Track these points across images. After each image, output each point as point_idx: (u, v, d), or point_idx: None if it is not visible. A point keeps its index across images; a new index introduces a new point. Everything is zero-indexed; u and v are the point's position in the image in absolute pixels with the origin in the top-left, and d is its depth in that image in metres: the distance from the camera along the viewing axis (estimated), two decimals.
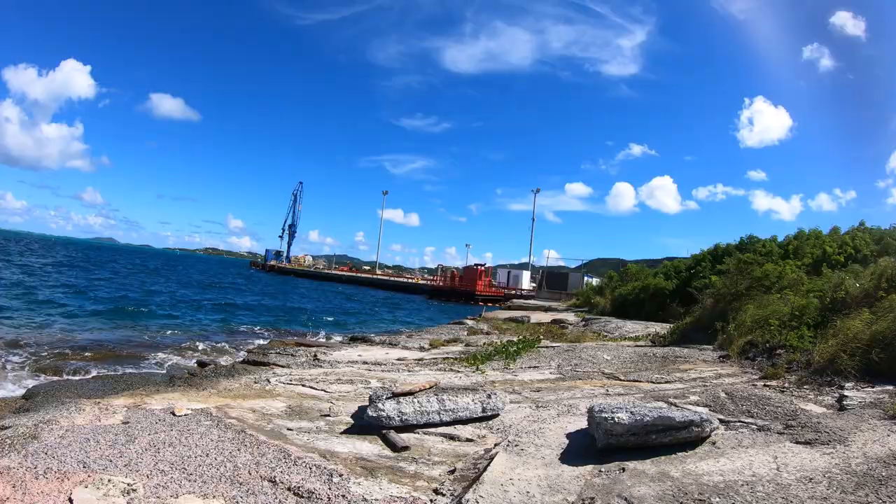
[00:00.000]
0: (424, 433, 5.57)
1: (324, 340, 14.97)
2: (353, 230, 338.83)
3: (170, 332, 16.92)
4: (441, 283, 69.89)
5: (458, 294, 62.02)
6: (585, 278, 58.05)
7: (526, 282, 79.28)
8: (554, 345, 13.17)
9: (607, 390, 8.00)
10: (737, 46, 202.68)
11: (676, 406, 6.19)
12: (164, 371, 10.97)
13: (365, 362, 10.05)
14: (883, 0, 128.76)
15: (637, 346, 13.64)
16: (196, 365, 11.24)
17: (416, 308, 44.64)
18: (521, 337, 14.24)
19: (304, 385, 7.69)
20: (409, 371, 9.32)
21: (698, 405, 6.31)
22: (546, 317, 26.98)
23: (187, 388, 7.66)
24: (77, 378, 10.06)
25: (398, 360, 10.48)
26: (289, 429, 5.67)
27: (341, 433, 5.62)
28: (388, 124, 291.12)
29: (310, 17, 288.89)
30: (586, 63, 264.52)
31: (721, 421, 5.58)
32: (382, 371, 9.26)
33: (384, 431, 5.49)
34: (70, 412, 5.74)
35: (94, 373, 10.60)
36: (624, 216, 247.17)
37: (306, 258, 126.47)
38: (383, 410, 5.57)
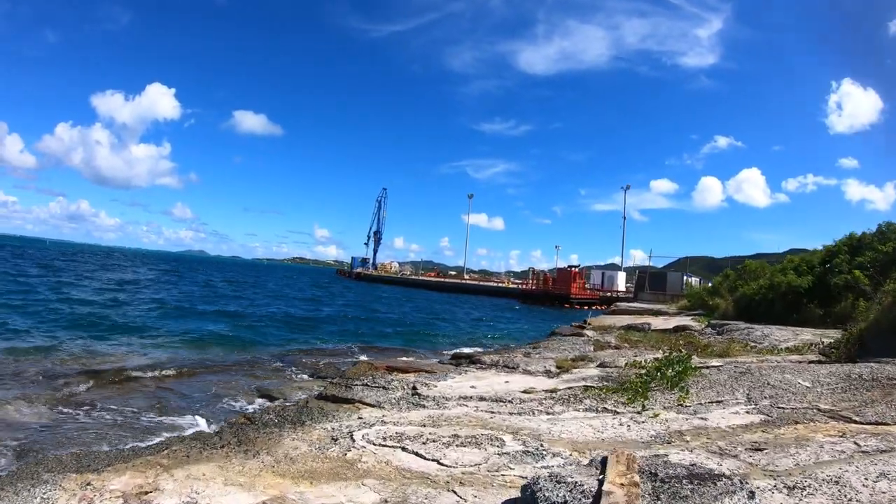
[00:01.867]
0: None
1: (423, 362, 12.38)
2: (437, 236, 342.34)
3: (236, 352, 14.92)
4: (533, 287, 66.68)
5: (551, 297, 58.94)
6: (685, 277, 53.60)
7: (621, 283, 75.38)
8: (711, 363, 10.14)
9: (856, 442, 5.31)
10: (819, 27, 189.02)
11: None
12: (213, 412, 8.74)
13: (482, 398, 7.47)
14: None
15: (809, 361, 10.76)
16: (257, 399, 8.96)
17: (511, 314, 42.01)
18: (664, 352, 11.22)
19: (404, 449, 5.11)
20: (547, 413, 6.71)
21: None
22: (662, 322, 23.64)
23: (233, 450, 5.28)
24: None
25: (524, 392, 7.89)
26: None
27: None
28: (468, 130, 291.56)
29: (383, 29, 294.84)
30: (663, 56, 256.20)
31: None
32: (510, 414, 6.67)
33: None
34: None
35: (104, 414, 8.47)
36: (711, 212, 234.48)
37: (392, 265, 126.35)
38: None
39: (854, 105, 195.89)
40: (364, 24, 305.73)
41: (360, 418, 6.61)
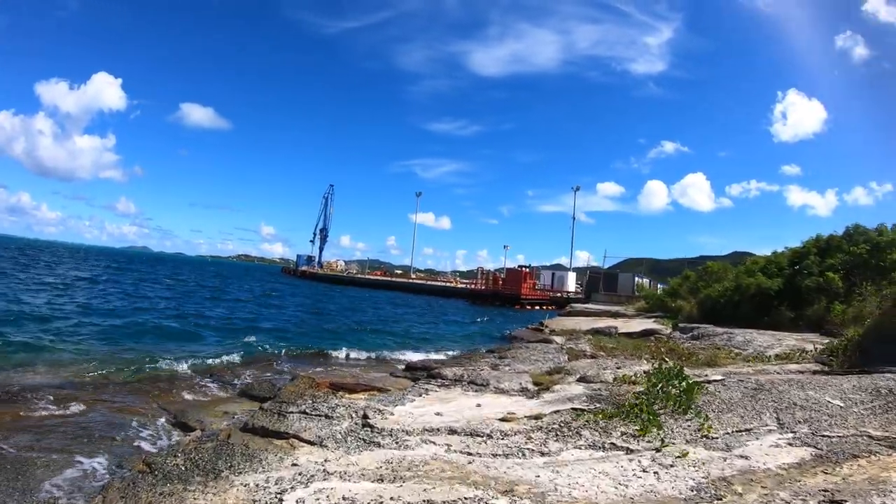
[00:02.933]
0: None
1: (373, 376, 10.60)
2: (384, 235, 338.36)
3: (158, 362, 12.71)
4: (482, 287, 65.42)
5: (501, 298, 57.81)
6: (636, 278, 53.36)
7: (571, 283, 74.87)
8: (712, 376, 8.88)
9: None
10: (767, 39, 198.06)
11: None
12: (111, 451, 6.79)
13: (452, 430, 5.86)
14: None
15: (813, 371, 9.73)
16: (172, 431, 7.08)
17: (461, 315, 40.50)
18: (650, 362, 9.92)
19: None
20: (541, 454, 5.20)
21: None
22: (622, 324, 22.57)
23: None
24: None
25: (503, 420, 6.29)
26: None
27: None
28: (418, 129, 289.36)
29: (336, 26, 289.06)
30: (613, 62, 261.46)
31: None
32: (493, 455, 5.10)
33: None
34: None
35: None
36: (656, 215, 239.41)
37: (339, 263, 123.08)
38: None
39: (799, 115, 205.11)
40: (318, 18, 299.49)
41: (294, 465, 4.88)
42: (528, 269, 62.59)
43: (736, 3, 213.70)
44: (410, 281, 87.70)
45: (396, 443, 5.41)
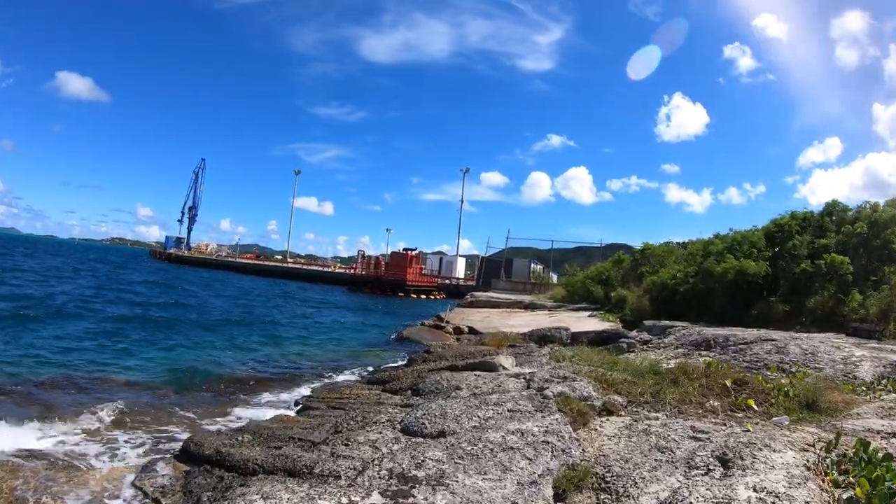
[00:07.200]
0: None
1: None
2: (265, 219, 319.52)
3: None
4: (363, 272, 57.84)
5: (384, 284, 50.70)
6: (532, 265, 49.00)
7: (461, 269, 69.67)
8: None
9: None
10: (655, 45, 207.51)
11: None
12: None
13: None
14: (805, 5, 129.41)
15: None
16: None
17: (340, 305, 32.98)
18: (751, 423, 2.93)
19: None
20: None
21: None
22: (549, 320, 16.40)
23: None
24: None
25: None
26: None
27: None
28: (304, 112, 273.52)
29: (227, 1, 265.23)
30: (503, 57, 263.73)
31: None
32: None
33: None
34: None
35: None
36: (539, 206, 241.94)
37: (209, 246, 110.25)
38: None
39: (682, 117, 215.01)
40: None
41: None
42: (414, 253, 55.64)
43: (626, 10, 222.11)
44: (286, 265, 78.44)
45: None
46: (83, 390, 8.57)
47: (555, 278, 43.36)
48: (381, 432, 4.46)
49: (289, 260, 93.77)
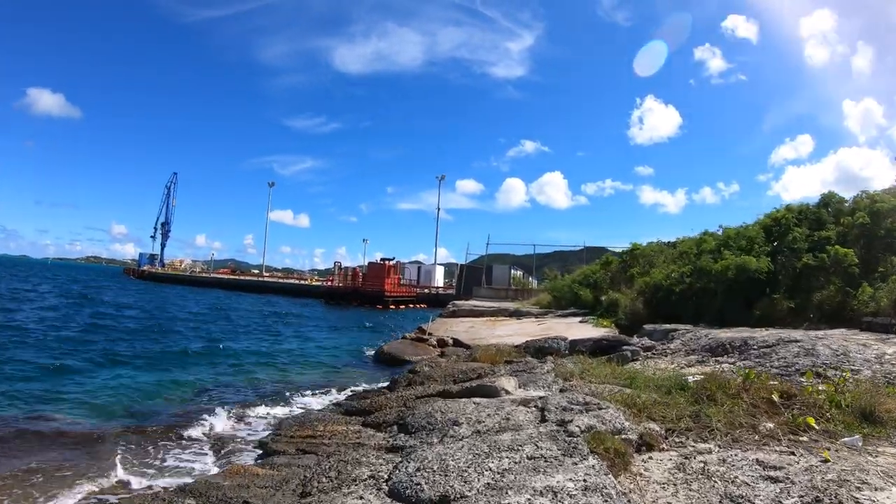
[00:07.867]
0: None
1: None
2: (241, 234, 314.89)
3: None
4: (340, 284, 56.29)
5: (362, 296, 49.30)
6: (511, 271, 48.29)
7: (440, 278, 68.73)
8: None
9: None
10: (626, 49, 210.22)
11: None
12: None
13: None
14: (774, 4, 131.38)
15: None
16: None
17: (316, 320, 31.55)
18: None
19: None
20: None
21: None
22: (539, 329, 15.38)
23: None
24: None
25: None
26: None
27: None
28: (277, 124, 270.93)
29: (196, 14, 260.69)
30: (474, 65, 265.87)
31: None
32: None
33: None
34: None
35: None
36: (514, 212, 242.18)
37: (183, 262, 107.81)
38: None
39: (655, 119, 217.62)
40: (179, 6, 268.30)
41: None
42: (391, 263, 54.27)
43: (597, 15, 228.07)
44: (262, 280, 76.51)
45: None
46: None
47: (535, 283, 42.56)
48: (361, 496, 3.27)
49: (265, 274, 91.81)
